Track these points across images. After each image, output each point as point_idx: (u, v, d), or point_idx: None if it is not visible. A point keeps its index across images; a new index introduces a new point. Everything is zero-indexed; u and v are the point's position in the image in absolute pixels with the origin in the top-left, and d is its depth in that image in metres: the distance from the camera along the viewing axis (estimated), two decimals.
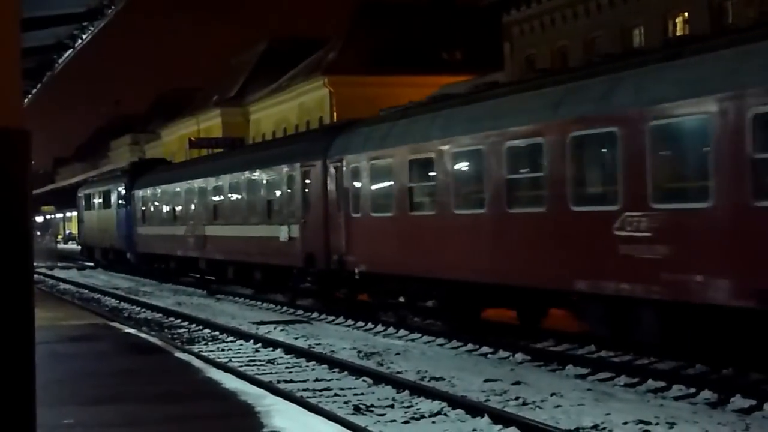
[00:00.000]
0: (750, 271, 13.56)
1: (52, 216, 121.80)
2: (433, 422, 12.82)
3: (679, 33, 38.38)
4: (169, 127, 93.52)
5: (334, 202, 26.33)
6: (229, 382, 13.19)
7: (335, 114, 58.33)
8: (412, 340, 21.57)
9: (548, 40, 46.35)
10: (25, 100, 21.92)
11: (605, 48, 39.65)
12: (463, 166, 20.88)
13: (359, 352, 19.62)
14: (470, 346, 19.87)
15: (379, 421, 12.94)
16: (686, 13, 38.64)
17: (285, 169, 29.76)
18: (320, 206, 27.04)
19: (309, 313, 27.57)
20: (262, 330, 23.84)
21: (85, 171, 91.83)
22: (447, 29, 63.60)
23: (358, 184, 25.04)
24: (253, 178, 32.64)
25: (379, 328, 23.61)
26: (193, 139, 68.56)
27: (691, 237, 14.59)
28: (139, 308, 31.02)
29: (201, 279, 39.39)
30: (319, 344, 20.99)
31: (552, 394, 14.42)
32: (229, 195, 34.84)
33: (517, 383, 15.45)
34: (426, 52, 61.60)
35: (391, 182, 23.38)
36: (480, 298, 21.20)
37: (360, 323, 24.66)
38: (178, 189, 41.04)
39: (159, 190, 43.97)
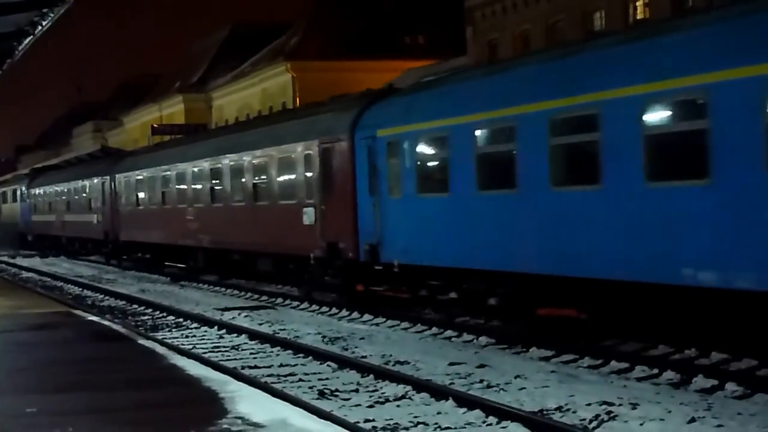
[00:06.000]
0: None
1: None
2: (398, 406, 12.85)
3: (639, 16, 38.54)
4: (132, 114, 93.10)
5: (116, 200, 44.29)
6: (194, 368, 13.17)
7: (298, 99, 58.23)
8: (377, 324, 21.59)
9: (511, 24, 46.45)
10: None
11: (567, 32, 39.83)
12: (154, 184, 39.22)
13: (324, 337, 19.64)
14: (435, 329, 19.93)
15: (344, 405, 12.97)
16: None
17: (95, 179, 47.68)
18: (109, 203, 45.03)
19: (273, 299, 27.56)
20: (227, 316, 23.82)
21: (48, 159, 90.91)
22: (410, 14, 63.61)
23: (122, 190, 43.56)
24: (82, 184, 50.64)
25: (344, 313, 23.63)
26: (155, 125, 68.32)
27: (201, 218, 33.37)
28: (102, 296, 30.89)
29: (64, 250, 57.34)
30: (284, 330, 21.00)
31: (516, 377, 14.50)
32: (73, 194, 52.63)
33: (482, 366, 15.51)
34: (389, 36, 61.60)
35: (135, 192, 41.74)
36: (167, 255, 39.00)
37: (324, 308, 24.67)
38: (50, 190, 59.32)
39: (42, 190, 62.02)
